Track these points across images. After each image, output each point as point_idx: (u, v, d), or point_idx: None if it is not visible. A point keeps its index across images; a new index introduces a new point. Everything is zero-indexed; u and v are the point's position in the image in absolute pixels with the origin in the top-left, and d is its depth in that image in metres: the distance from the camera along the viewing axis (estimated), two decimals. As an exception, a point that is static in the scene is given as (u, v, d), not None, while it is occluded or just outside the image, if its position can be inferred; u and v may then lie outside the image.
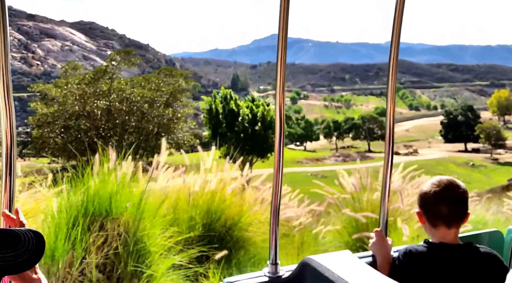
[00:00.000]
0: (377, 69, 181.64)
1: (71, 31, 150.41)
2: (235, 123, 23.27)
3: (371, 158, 52.37)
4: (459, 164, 49.61)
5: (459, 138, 62.47)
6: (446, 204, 1.54)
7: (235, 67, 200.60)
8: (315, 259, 1.52)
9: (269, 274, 1.66)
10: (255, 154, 24.35)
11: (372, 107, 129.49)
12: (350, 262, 1.52)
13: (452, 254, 1.53)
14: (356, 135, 65.80)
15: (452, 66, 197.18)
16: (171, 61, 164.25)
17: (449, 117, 64.28)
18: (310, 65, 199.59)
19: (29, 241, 0.79)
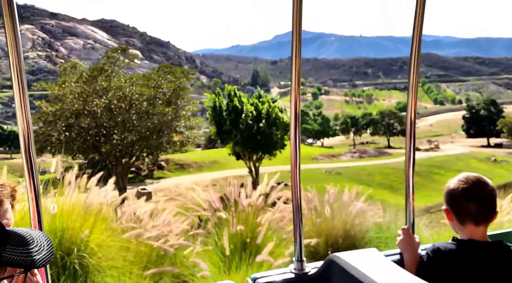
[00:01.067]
0: (401, 63, 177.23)
1: (93, 29, 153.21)
2: (239, 121, 22.86)
3: (389, 154, 51.05)
4: (481, 159, 47.82)
5: (482, 133, 60.37)
6: (474, 202, 1.51)
7: (255, 63, 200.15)
8: (341, 257, 1.50)
9: (295, 270, 1.66)
10: (261, 151, 23.92)
11: (394, 102, 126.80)
12: (376, 260, 1.48)
13: (480, 252, 1.49)
14: (375, 131, 64.33)
15: (479, 59, 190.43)
16: (191, 58, 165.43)
17: (471, 112, 62.11)
18: (333, 60, 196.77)
19: (41, 239, 0.84)
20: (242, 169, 35.71)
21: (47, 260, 0.81)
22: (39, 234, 0.87)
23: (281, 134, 24.33)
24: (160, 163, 35.76)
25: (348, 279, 1.40)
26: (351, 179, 35.70)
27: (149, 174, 33.94)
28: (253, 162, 28.93)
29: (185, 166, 36.62)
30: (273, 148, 24.16)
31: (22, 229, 0.85)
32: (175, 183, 30.90)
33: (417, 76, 1.75)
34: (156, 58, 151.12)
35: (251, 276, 1.61)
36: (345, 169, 40.44)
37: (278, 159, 43.53)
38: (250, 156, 24.66)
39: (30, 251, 0.79)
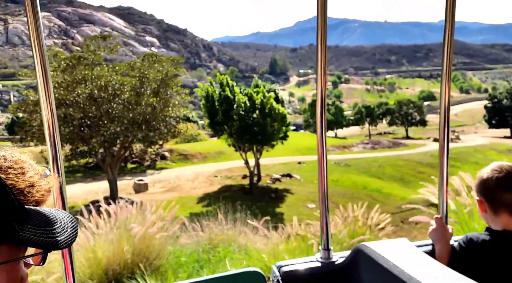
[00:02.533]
0: (426, 50, 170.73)
1: (110, 17, 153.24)
2: (232, 112, 21.73)
3: (405, 145, 48.89)
4: (501, 151, 45.24)
5: (504, 123, 57.38)
6: (511, 191, 1.48)
7: (275, 50, 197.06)
8: (369, 246, 1.48)
9: (322, 259, 1.64)
10: (255, 143, 22.78)
11: (418, 91, 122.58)
12: (407, 250, 1.43)
13: None
14: (392, 121, 61.95)
15: (507, 46, 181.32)
16: (209, 46, 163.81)
17: (494, 102, 58.93)
18: (354, 47, 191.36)
19: (65, 220, 0.83)
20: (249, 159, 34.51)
21: (70, 242, 0.80)
22: (63, 215, 0.85)
23: (278, 126, 23.09)
24: (163, 153, 35.20)
25: (376, 269, 1.38)
26: (360, 171, 34.12)
27: (151, 164, 33.42)
28: (253, 153, 27.85)
29: (189, 156, 35.89)
30: (270, 139, 22.94)
31: (45, 208, 0.83)
32: (176, 174, 30.24)
33: (450, 63, 1.69)
34: (173, 46, 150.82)
35: (276, 264, 1.61)
36: (355, 160, 38.76)
37: (283, 150, 42.29)
38: (246, 147, 23.57)
39: (52, 231, 0.77)
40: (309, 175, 32.26)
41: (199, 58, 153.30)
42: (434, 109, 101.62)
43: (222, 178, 29.48)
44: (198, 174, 30.55)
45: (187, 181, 28.43)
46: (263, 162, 35.70)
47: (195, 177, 29.73)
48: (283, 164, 35.81)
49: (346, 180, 31.20)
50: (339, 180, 31.43)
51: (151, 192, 25.19)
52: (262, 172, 32.28)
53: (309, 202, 23.54)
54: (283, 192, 24.90)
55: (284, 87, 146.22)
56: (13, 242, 0.71)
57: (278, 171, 32.20)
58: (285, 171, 32.57)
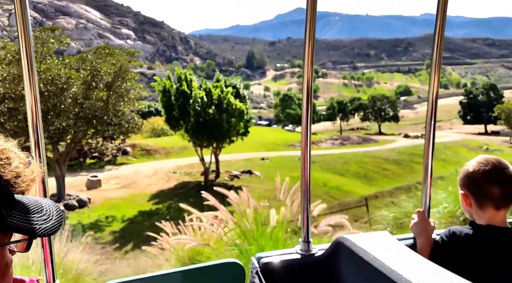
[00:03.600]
0: (406, 44, 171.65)
1: (86, 9, 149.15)
2: (188, 107, 20.83)
3: (375, 141, 48.65)
4: (472, 148, 45.54)
5: (479, 119, 57.79)
6: (497, 184, 1.45)
7: (253, 44, 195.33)
8: (349, 239, 1.48)
9: (301, 251, 1.66)
10: (211, 139, 21.90)
11: (396, 86, 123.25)
12: (387, 243, 1.43)
13: (499, 237, 1.44)
14: (365, 117, 61.78)
15: (489, 40, 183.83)
16: (185, 39, 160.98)
17: (469, 97, 59.30)
18: (333, 41, 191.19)
19: (50, 208, 0.84)
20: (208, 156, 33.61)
21: (55, 230, 0.81)
22: (49, 203, 0.85)
23: (236, 122, 22.25)
24: (125, 149, 33.95)
25: (357, 261, 1.38)
26: (324, 168, 33.66)
27: (112, 159, 32.21)
28: (213, 150, 26.92)
29: (152, 151, 34.84)
30: (226, 136, 22.14)
31: (32, 197, 0.84)
32: (135, 170, 29.15)
33: (440, 58, 1.68)
34: (149, 38, 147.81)
35: (255, 255, 1.62)
36: (321, 156, 38.30)
37: (248, 145, 41.41)
38: (204, 143, 22.70)
39: (37, 219, 0.79)
40: (270, 171, 31.57)
41: (175, 51, 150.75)
42: (410, 104, 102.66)
43: (181, 174, 28.57)
44: (157, 170, 29.59)
45: (145, 177, 27.48)
46: (226, 158, 34.83)
47: (154, 173, 28.77)
48: (246, 160, 35.04)
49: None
50: (299, 176, 30.85)
51: (104, 188, 24.36)
52: (223, 168, 31.44)
53: (262, 200, 22.84)
54: (238, 190, 24.11)
55: (260, 81, 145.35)
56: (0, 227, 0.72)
57: (239, 167, 31.42)
58: (247, 167, 31.82)
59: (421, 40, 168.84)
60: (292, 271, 1.61)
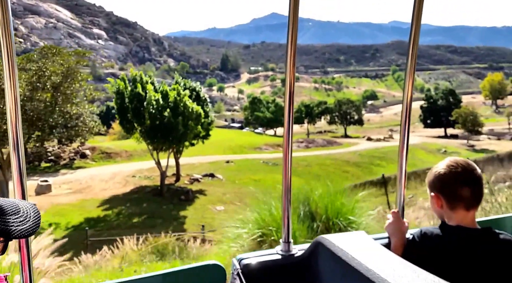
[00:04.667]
0: (374, 50, 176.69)
1: (56, 8, 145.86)
2: (142, 109, 20.87)
3: (339, 143, 49.89)
4: (430, 151, 47.29)
5: (439, 123, 60.17)
6: (467, 186, 1.47)
7: (228, 47, 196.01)
8: (328, 239, 1.50)
9: (282, 252, 1.67)
10: (166, 143, 22.01)
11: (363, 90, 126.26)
12: (365, 243, 1.47)
13: (468, 238, 1.46)
14: (331, 120, 63.22)
15: (451, 47, 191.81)
16: (159, 40, 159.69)
17: (429, 102, 61.70)
18: (305, 46, 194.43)
19: (28, 210, 0.84)
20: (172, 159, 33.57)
21: (32, 231, 0.81)
22: (27, 205, 0.86)
23: (193, 125, 22.46)
24: (84, 152, 33.34)
25: (335, 261, 1.40)
26: (287, 171, 34.42)
27: (69, 163, 31.50)
28: (169, 153, 27.06)
29: (113, 154, 34.34)
30: (182, 139, 22.27)
31: (8, 199, 0.85)
32: (92, 174, 28.73)
33: (414, 63, 1.72)
34: (121, 39, 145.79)
35: (236, 257, 1.63)
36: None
37: (215, 148, 41.69)
38: (161, 147, 22.81)
39: (13, 220, 0.79)
40: (234, 174, 32.00)
41: (148, 52, 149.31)
42: (376, 108, 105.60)
43: (140, 178, 28.43)
44: (116, 174, 29.23)
45: (101, 181, 27.10)
46: (190, 161, 35.00)
47: (112, 177, 28.40)
48: (211, 163, 35.28)
49: (269, 179, 31.18)
50: (261, 179, 31.42)
51: (54, 194, 23.70)
52: (186, 171, 31.60)
53: (219, 204, 23.13)
54: (196, 193, 24.38)
55: (234, 84, 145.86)
56: None
57: (203, 170, 31.65)
58: (211, 170, 32.07)
59: (387, 47, 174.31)
60: (273, 272, 1.63)
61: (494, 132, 64.74)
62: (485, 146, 50.78)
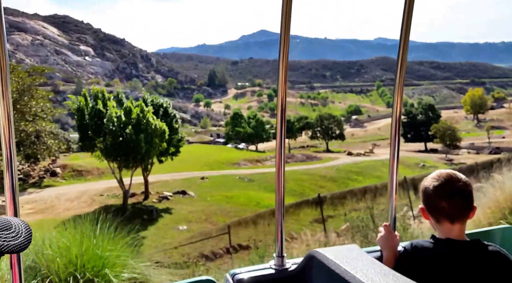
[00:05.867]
0: (359, 66, 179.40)
1: (43, 25, 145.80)
2: (103, 126, 20.59)
3: (319, 158, 49.90)
4: (408, 165, 47.44)
5: (419, 138, 60.79)
6: (446, 199, 1.48)
7: (217, 63, 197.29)
8: (321, 252, 1.52)
9: (275, 266, 1.67)
10: (127, 161, 21.68)
11: (348, 105, 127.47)
12: (357, 256, 1.48)
13: (457, 251, 1.47)
14: (313, 135, 63.47)
15: (434, 63, 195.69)
16: (147, 56, 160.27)
17: (409, 117, 62.47)
18: (292, 62, 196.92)
19: (19, 226, 0.86)
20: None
21: (22, 247, 0.83)
22: (18, 221, 0.88)
23: (158, 142, 22.20)
24: (54, 170, 32.79)
25: (329, 274, 1.41)
26: (261, 186, 34.13)
27: (38, 181, 30.91)
28: (142, 171, 26.68)
29: (84, 172, 33.77)
30: (146, 157, 21.96)
31: (1, 216, 0.88)
32: (58, 193, 28.18)
33: (403, 78, 1.75)
34: (108, 55, 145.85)
35: (229, 272, 1.63)
36: (262, 175, 38.82)
37: (191, 164, 41.33)
38: (121, 165, 22.47)
39: (5, 236, 0.81)
40: (207, 191, 31.65)
41: (136, 69, 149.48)
42: (361, 123, 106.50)
43: (108, 196, 27.89)
44: (84, 192, 28.69)
45: (67, 201, 26.54)
46: (164, 178, 34.60)
47: (79, 195, 27.88)
48: (185, 179, 34.91)
49: (242, 196, 30.95)
50: (234, 196, 31.12)
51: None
52: (159, 188, 31.19)
53: (184, 223, 22.76)
54: (162, 212, 23.99)
55: (221, 99, 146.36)
56: None
57: (176, 187, 31.25)
58: (184, 187, 31.70)
59: (372, 63, 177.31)
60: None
61: (474, 146, 65.59)
62: (464, 159, 51.20)
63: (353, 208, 18.17)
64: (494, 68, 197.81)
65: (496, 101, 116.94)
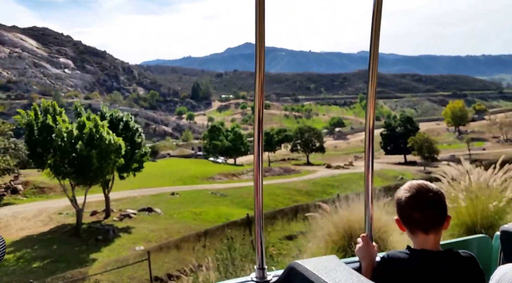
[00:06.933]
0: (342, 79, 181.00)
1: (22, 37, 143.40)
2: (52, 141, 19.30)
3: (297, 172, 49.01)
4: (387, 178, 46.91)
5: (398, 150, 60.78)
6: (418, 210, 1.50)
7: (201, 75, 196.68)
8: (301, 264, 1.54)
9: (257, 278, 1.69)
10: (78, 178, 20.34)
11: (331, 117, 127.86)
12: (336, 267, 1.51)
13: (430, 261, 1.50)
14: (294, 148, 62.77)
15: (416, 76, 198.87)
16: (129, 69, 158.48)
17: (388, 129, 62.50)
18: (277, 74, 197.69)
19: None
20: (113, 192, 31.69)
21: None
22: None
23: (114, 158, 20.93)
24: (15, 187, 31.19)
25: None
26: (234, 201, 32.95)
27: (-3, 199, 29.33)
28: (102, 188, 25.31)
29: (46, 189, 32.20)
30: (99, 173, 20.61)
31: None
32: (15, 212, 26.64)
33: (375, 91, 1.79)
34: (89, 68, 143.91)
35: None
36: (236, 189, 37.66)
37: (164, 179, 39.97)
38: (73, 182, 21.12)
39: None
40: (175, 207, 30.29)
41: (117, 81, 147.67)
42: (344, 135, 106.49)
43: (67, 215, 26.39)
44: (42, 211, 27.24)
45: (23, 219, 25.07)
46: (131, 194, 33.15)
47: (37, 214, 26.44)
48: (154, 195, 33.53)
49: (212, 212, 29.69)
50: (203, 212, 29.82)
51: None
52: (126, 205, 29.73)
53: (142, 243, 21.42)
54: (121, 231, 22.62)
55: (205, 112, 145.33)
56: None
57: (143, 204, 29.87)
58: (152, 203, 30.34)
59: (355, 76, 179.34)
60: None
61: (455, 158, 65.78)
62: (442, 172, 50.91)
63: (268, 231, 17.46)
64: (475, 80, 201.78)
65: (477, 113, 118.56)
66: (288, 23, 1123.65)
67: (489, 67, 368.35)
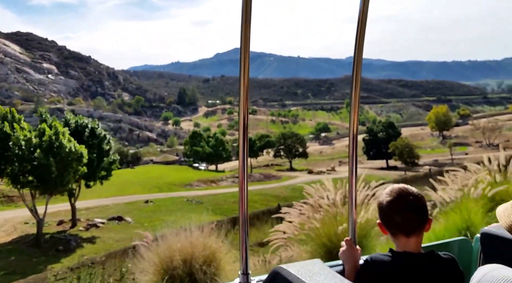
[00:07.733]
0: (329, 84, 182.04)
1: (4, 42, 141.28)
2: (9, 149, 18.64)
3: (277, 177, 48.66)
4: (367, 183, 46.56)
5: (380, 155, 60.85)
6: (398, 213, 1.53)
7: (189, 81, 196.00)
8: (285, 268, 1.54)
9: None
10: (40, 187, 19.70)
11: (317, 123, 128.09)
12: (319, 271, 1.51)
13: (412, 264, 1.53)
14: (277, 153, 62.51)
15: (402, 82, 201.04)
16: (114, 74, 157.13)
17: (371, 134, 62.57)
18: (264, 80, 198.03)
19: None
20: (84, 201, 30.99)
21: None
22: None
23: (75, 166, 20.30)
24: (-18, 196, 30.23)
25: None
26: (209, 209, 32.47)
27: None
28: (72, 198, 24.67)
29: (15, 198, 31.30)
30: (59, 182, 19.97)
31: None
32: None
33: (358, 96, 1.81)
34: (73, 73, 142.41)
35: None
36: (214, 196, 37.22)
37: (139, 187, 39.25)
38: (33, 191, 20.47)
39: None
40: (147, 216, 29.64)
41: (102, 86, 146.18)
42: (329, 140, 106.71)
43: (33, 224, 25.65)
44: (8, 220, 26.49)
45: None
46: (103, 202, 32.40)
47: (3, 224, 25.63)
48: (128, 203, 32.86)
49: (185, 220, 29.19)
50: (175, 221, 29.21)
51: None
52: (96, 214, 29.02)
53: (103, 253, 20.86)
54: (85, 241, 22.01)
55: (191, 118, 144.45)
56: None
57: (113, 213, 29.17)
58: (125, 212, 29.69)
59: (341, 81, 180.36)
60: None
61: (437, 163, 66.11)
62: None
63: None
64: (460, 86, 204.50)
65: (461, 118, 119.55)
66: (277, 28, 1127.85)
67: (474, 72, 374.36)
